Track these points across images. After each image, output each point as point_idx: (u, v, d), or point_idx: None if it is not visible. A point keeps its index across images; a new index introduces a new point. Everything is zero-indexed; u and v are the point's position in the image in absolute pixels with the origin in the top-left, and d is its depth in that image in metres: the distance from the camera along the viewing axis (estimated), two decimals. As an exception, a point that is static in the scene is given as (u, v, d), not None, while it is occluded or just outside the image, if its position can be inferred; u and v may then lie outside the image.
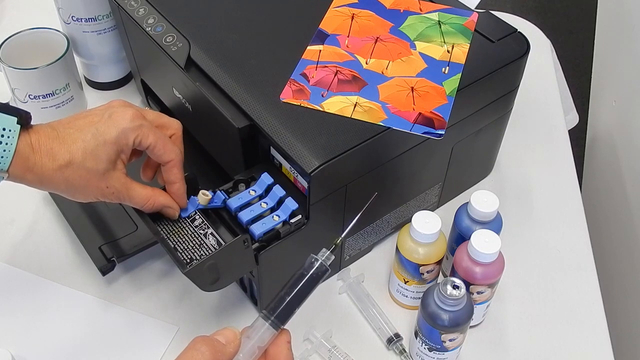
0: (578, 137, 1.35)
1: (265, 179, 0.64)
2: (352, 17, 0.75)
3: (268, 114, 0.64)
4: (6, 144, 0.52)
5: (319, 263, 0.49)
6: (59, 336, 0.71)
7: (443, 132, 0.65)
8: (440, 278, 0.74)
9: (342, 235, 0.51)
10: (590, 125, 1.43)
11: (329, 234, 0.66)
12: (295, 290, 0.48)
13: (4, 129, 0.52)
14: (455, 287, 0.60)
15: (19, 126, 0.53)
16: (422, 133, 0.64)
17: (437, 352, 0.65)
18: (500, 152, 0.87)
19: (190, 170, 0.63)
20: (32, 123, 0.55)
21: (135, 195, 0.59)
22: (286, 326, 0.50)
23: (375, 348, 0.71)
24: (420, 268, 0.68)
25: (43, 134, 0.55)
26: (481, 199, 0.68)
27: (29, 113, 0.55)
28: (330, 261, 0.50)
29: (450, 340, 0.63)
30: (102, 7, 0.88)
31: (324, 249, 0.50)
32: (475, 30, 0.74)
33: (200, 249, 0.59)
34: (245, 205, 0.62)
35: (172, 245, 0.59)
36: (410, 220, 0.66)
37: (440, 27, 0.75)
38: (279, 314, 0.48)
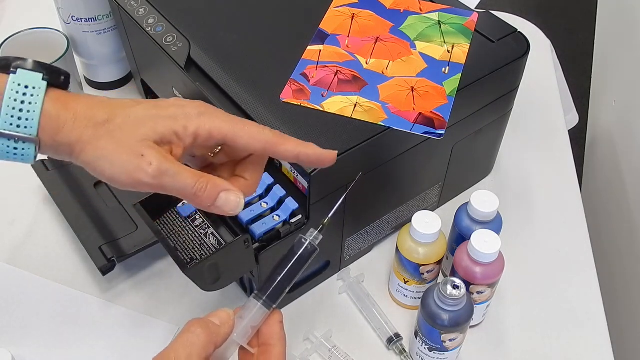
0: (578, 137, 1.35)
1: (266, 179, 0.64)
2: (352, 17, 0.75)
3: (268, 114, 0.64)
4: (29, 102, 0.46)
5: (307, 243, 0.50)
6: (59, 336, 0.71)
7: (443, 132, 0.65)
8: (440, 278, 0.74)
9: (329, 216, 0.52)
10: (590, 125, 1.43)
11: (329, 233, 0.66)
12: (285, 271, 0.49)
13: (26, 87, 0.46)
14: (455, 287, 0.60)
15: (44, 82, 0.47)
16: (422, 133, 0.64)
17: (437, 352, 0.65)
18: (500, 152, 0.87)
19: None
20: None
21: (181, 172, 0.48)
22: (286, 327, 0.50)
23: (375, 348, 0.71)
24: (420, 268, 0.68)
25: (84, 97, 0.49)
26: (481, 199, 0.68)
27: (66, 72, 0.49)
28: (319, 241, 0.51)
29: (450, 340, 0.63)
30: (102, 7, 0.88)
31: (312, 229, 0.51)
32: (475, 30, 0.74)
33: (200, 249, 0.59)
34: (245, 205, 0.62)
35: (173, 245, 0.59)
36: (410, 220, 0.66)
37: (440, 27, 0.75)
38: (270, 293, 0.49)
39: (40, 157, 0.49)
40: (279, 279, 0.49)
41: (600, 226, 1.25)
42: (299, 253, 0.50)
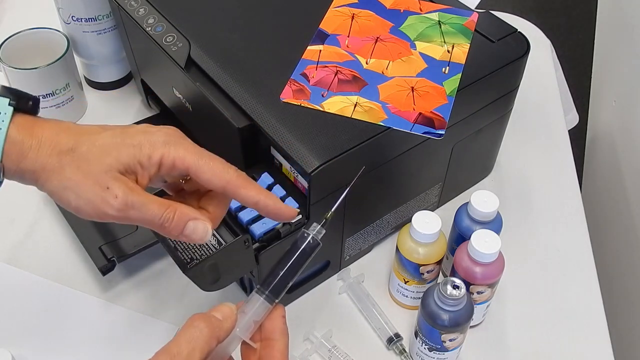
0: (578, 137, 1.35)
1: (266, 179, 0.64)
2: (352, 17, 0.75)
3: (268, 114, 0.64)
4: None
5: (310, 237, 0.50)
6: (59, 336, 0.71)
7: (443, 132, 0.65)
8: (440, 278, 0.74)
9: (332, 210, 0.52)
10: (590, 125, 1.43)
11: (329, 233, 0.66)
12: (288, 265, 0.49)
13: None
14: (455, 287, 0.60)
15: (11, 108, 0.47)
16: (422, 133, 0.64)
17: (437, 352, 0.65)
18: (500, 152, 0.87)
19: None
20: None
21: (147, 203, 0.47)
22: (288, 325, 0.50)
23: (375, 348, 0.71)
24: (420, 268, 0.68)
25: (50, 123, 0.48)
26: (481, 199, 0.68)
27: (35, 98, 0.49)
28: (322, 235, 0.51)
29: (450, 340, 0.63)
30: (102, 7, 0.88)
31: (314, 223, 0.51)
32: (475, 30, 0.74)
33: (200, 249, 0.59)
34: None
35: (173, 245, 0.59)
36: (410, 220, 0.66)
37: (440, 27, 0.75)
38: (273, 288, 0.49)
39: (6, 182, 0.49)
40: (282, 273, 0.49)
41: (600, 226, 1.25)
42: (302, 247, 0.50)
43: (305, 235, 0.50)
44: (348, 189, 0.54)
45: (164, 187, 0.55)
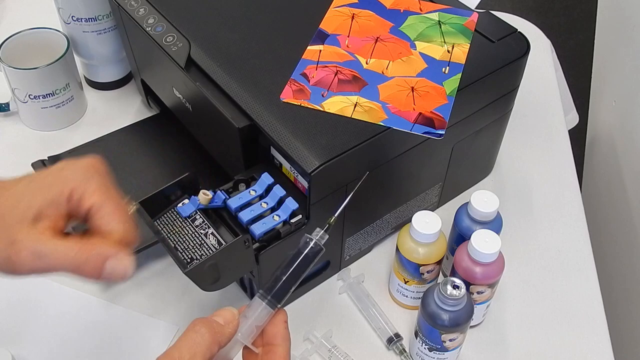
0: (578, 137, 1.35)
1: (266, 179, 0.64)
2: (352, 17, 0.75)
3: (268, 114, 0.64)
4: None
5: (313, 242, 0.50)
6: (59, 336, 0.71)
7: (443, 132, 0.65)
8: (440, 278, 0.74)
9: (335, 215, 0.52)
10: (590, 125, 1.43)
11: (329, 234, 0.66)
12: (291, 270, 0.49)
13: None
14: (455, 287, 0.60)
15: None
16: (423, 133, 0.64)
17: (437, 352, 0.65)
18: (500, 152, 0.87)
19: (191, 170, 0.63)
20: None
21: (56, 249, 0.44)
22: (290, 325, 0.50)
23: (375, 348, 0.71)
24: (420, 268, 0.68)
25: None
26: (481, 199, 0.68)
27: None
28: (324, 240, 0.51)
29: (450, 340, 0.63)
30: (102, 7, 0.88)
31: (317, 229, 0.51)
32: (475, 30, 0.74)
33: (200, 249, 0.59)
34: (245, 205, 0.62)
35: (173, 245, 0.59)
36: (410, 220, 0.66)
37: (440, 27, 0.75)
38: (275, 293, 0.49)
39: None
40: (284, 278, 0.49)
41: (600, 226, 1.25)
42: (305, 252, 0.50)
43: (308, 240, 0.50)
44: (351, 194, 0.54)
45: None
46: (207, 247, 0.59)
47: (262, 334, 0.50)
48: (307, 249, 0.50)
